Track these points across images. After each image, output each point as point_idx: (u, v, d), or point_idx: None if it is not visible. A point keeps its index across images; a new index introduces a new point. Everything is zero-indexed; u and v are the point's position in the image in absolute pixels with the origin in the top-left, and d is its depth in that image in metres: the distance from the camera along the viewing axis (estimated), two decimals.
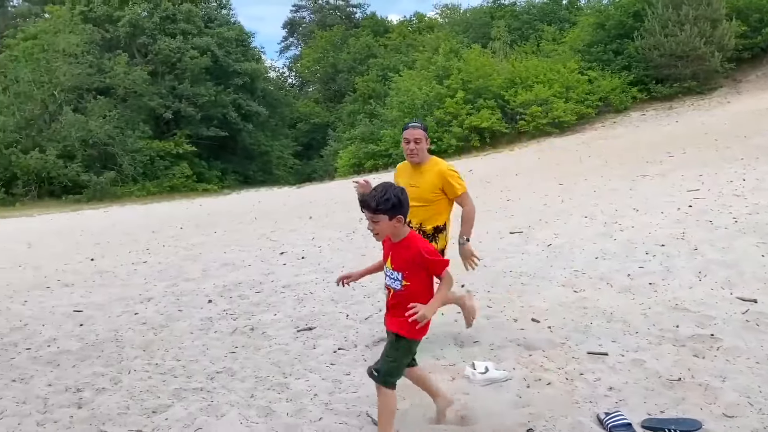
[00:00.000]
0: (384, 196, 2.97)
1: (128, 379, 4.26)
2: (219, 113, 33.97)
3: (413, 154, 4.33)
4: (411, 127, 4.37)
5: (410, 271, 3.04)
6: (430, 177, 4.32)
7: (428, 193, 4.30)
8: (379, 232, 3.05)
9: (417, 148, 4.32)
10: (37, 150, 27.24)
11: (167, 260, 9.41)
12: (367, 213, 3.02)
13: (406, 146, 4.35)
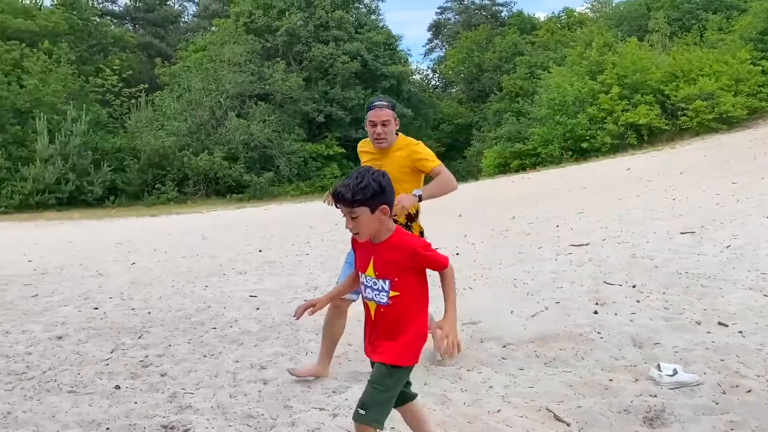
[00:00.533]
0: (360, 182, 2.41)
1: (306, 359, 4.47)
2: None
3: (381, 139, 3.78)
4: (377, 106, 3.76)
5: (400, 277, 2.47)
6: (399, 154, 3.84)
7: (395, 170, 3.57)
8: (360, 230, 2.46)
9: (385, 131, 3.76)
10: (205, 152, 29.64)
11: (326, 253, 9.82)
12: (342, 208, 2.45)
13: (372, 129, 3.78)
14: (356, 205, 2.39)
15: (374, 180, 2.42)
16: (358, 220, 2.42)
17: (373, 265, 2.50)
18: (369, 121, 3.77)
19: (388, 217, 2.48)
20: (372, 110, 3.77)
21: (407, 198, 3.65)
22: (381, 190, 2.42)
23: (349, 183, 2.41)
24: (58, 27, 35.43)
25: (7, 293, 7.56)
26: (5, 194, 26.82)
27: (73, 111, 29.16)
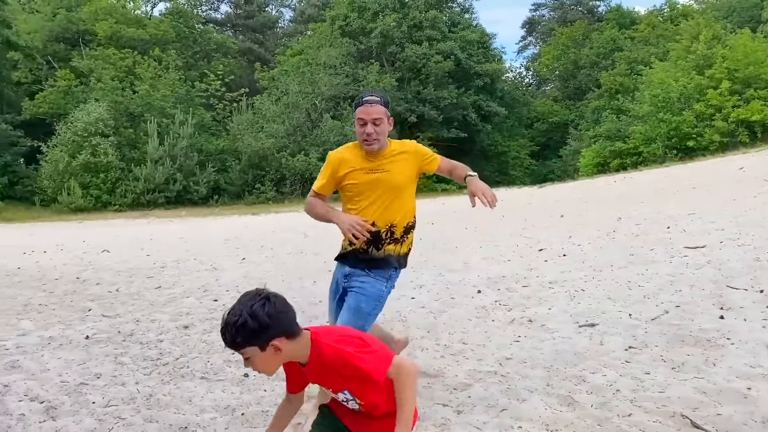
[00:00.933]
0: (238, 321, 2.01)
1: (422, 356, 4.52)
2: (459, 115, 34.78)
3: (372, 140, 3.15)
4: (367, 102, 3.17)
5: (353, 387, 2.17)
6: (405, 159, 3.30)
7: (405, 179, 3.28)
8: (261, 369, 2.11)
9: (377, 131, 3.15)
10: (302, 153, 30.47)
11: (428, 252, 9.85)
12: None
13: (361, 129, 3.16)
14: (239, 347, 2.05)
15: (252, 316, 2.00)
16: (252, 361, 2.07)
17: (320, 383, 2.24)
18: (357, 119, 3.16)
19: (293, 342, 2.10)
20: (361, 106, 3.18)
21: (485, 188, 3.36)
22: (264, 326, 2.02)
23: (227, 321, 2.04)
24: (166, 35, 37.53)
25: (132, 284, 8.10)
26: (119, 193, 28.68)
27: (180, 114, 30.76)
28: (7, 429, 3.41)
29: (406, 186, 3.30)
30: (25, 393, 3.96)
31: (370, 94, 3.25)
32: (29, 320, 6.08)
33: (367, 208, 3.24)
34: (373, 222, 3.21)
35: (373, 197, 3.22)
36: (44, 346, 5.13)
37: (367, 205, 3.25)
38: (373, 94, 3.25)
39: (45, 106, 31.91)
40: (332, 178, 3.33)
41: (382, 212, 3.23)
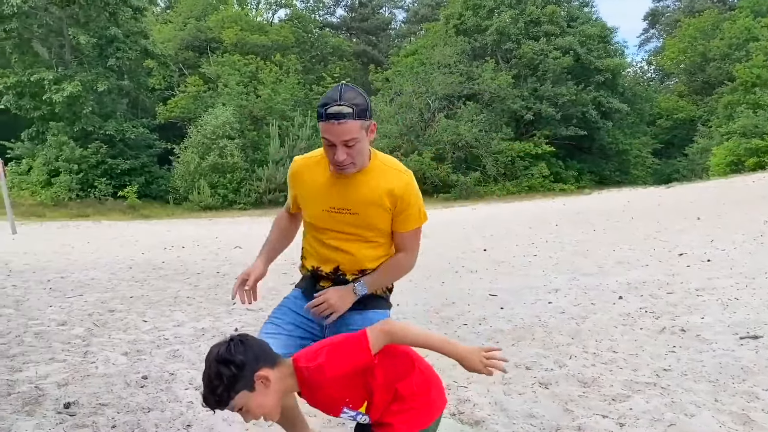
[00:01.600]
0: (212, 375, 1.89)
1: (572, 363, 4.37)
2: (578, 112, 33.60)
3: (343, 167, 2.33)
4: (332, 115, 2.21)
5: (355, 402, 2.06)
6: (379, 193, 2.39)
7: (372, 219, 2.44)
8: (264, 413, 1.96)
9: (351, 154, 2.29)
10: (415, 153, 30.63)
11: (557, 255, 9.57)
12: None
13: (330, 152, 2.31)
14: (230, 401, 1.89)
15: (224, 363, 1.87)
16: (249, 407, 1.91)
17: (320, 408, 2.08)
18: (324, 139, 2.29)
19: (277, 378, 1.94)
20: (324, 122, 2.23)
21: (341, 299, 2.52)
22: (240, 365, 1.88)
23: (204, 385, 1.90)
24: (287, 40, 39.03)
25: (268, 280, 8.44)
26: (244, 192, 30.13)
27: (299, 117, 31.85)
28: (179, 415, 3.64)
29: (372, 226, 2.47)
30: (190, 382, 4.21)
31: (336, 100, 2.20)
32: (181, 312, 6.49)
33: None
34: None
35: (335, 234, 2.52)
36: (198, 337, 5.45)
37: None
38: (342, 100, 2.19)
39: (177, 111, 34.10)
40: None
41: (333, 254, 2.55)
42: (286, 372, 1.97)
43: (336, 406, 2.03)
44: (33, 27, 29.81)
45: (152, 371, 4.41)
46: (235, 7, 43.03)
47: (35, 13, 29.18)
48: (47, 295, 7.42)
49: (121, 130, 30.21)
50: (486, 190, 31.39)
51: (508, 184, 32.05)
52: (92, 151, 29.29)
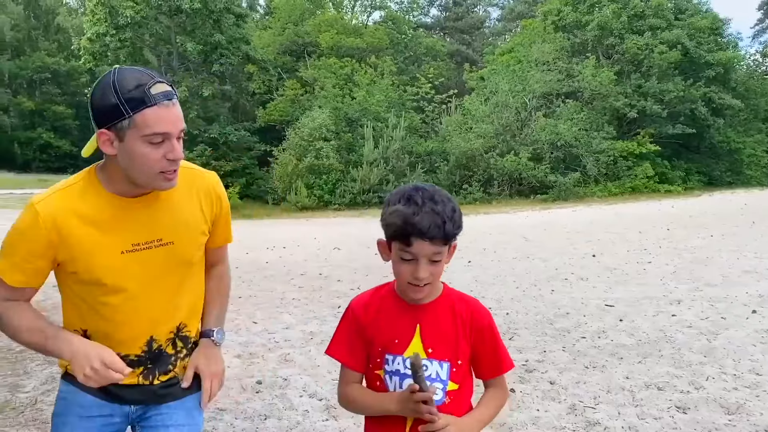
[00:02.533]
0: (456, 210, 1.54)
1: (710, 385, 3.99)
2: (686, 109, 31.70)
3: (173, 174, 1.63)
4: (165, 97, 1.54)
5: (463, 359, 1.60)
6: (190, 209, 1.75)
7: (192, 245, 1.76)
8: (432, 282, 1.56)
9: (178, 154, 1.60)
10: (511, 153, 29.95)
11: (673, 262, 8.98)
12: (425, 248, 1.49)
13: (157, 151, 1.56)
14: (450, 240, 1.54)
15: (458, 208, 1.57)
16: (439, 265, 1.55)
17: (422, 336, 1.60)
18: (152, 134, 1.54)
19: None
20: (153, 105, 1.52)
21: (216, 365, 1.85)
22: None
23: (441, 209, 1.50)
24: (381, 42, 39.26)
25: (371, 283, 8.38)
26: (339, 193, 30.55)
27: (393, 118, 31.93)
28: (296, 425, 3.59)
29: (197, 258, 1.81)
30: (304, 389, 4.17)
31: (153, 77, 1.55)
32: (288, 314, 6.53)
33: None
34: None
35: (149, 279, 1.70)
36: (308, 341, 5.44)
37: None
38: (160, 77, 1.58)
39: (275, 114, 35.06)
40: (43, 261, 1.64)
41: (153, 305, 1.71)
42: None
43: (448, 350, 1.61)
44: (144, 36, 31.57)
45: (266, 376, 4.41)
46: (331, 11, 43.78)
47: (147, 23, 30.88)
48: None
49: (223, 134, 31.44)
50: (586, 191, 30.20)
51: (610, 185, 30.68)
52: (198, 154, 30.63)
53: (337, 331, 1.68)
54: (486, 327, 1.63)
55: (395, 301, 1.63)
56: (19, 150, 46.43)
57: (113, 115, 1.52)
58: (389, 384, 1.59)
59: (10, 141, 46.12)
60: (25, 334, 1.64)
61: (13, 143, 46.19)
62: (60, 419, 1.70)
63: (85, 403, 1.69)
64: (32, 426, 3.53)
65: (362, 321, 1.63)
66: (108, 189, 1.62)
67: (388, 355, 1.59)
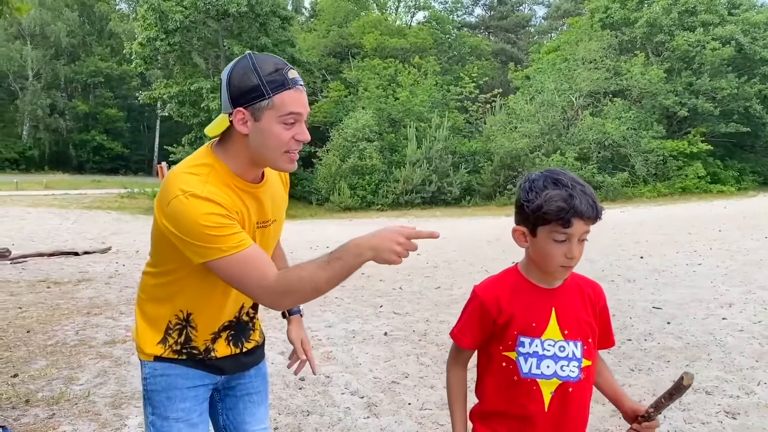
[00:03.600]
0: (593, 194, 1.63)
1: (762, 391, 3.87)
2: (740, 107, 30.73)
3: (295, 157, 1.74)
4: (298, 84, 1.67)
5: (593, 337, 1.71)
6: (279, 188, 1.91)
7: (283, 222, 1.93)
8: (579, 256, 1.63)
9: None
10: (557, 153, 29.54)
11: (724, 264, 8.71)
12: (580, 227, 1.59)
13: (288, 132, 1.67)
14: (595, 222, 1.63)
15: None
16: (583, 245, 1.66)
17: (558, 317, 1.68)
18: (288, 114, 1.65)
19: None
20: (290, 89, 1.64)
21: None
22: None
23: (585, 192, 1.60)
24: (425, 42, 39.24)
25: (413, 283, 8.43)
26: (382, 194, 30.65)
27: (436, 118, 31.87)
28: (338, 421, 3.63)
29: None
30: (345, 386, 4.22)
31: (286, 63, 1.69)
32: (331, 312, 6.60)
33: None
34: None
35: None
36: (350, 339, 5.49)
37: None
38: (287, 63, 1.70)
39: (320, 116, 35.40)
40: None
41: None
42: None
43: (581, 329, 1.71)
44: (193, 40, 32.25)
45: (309, 373, 4.45)
46: (375, 12, 43.95)
47: (195, 27, 31.56)
48: None
49: None
50: (634, 191, 29.57)
51: (659, 185, 29.96)
52: None
53: (463, 318, 1.77)
54: (605, 305, 1.79)
55: (528, 286, 1.71)
56: (73, 152, 48.08)
57: (254, 95, 1.61)
58: (523, 366, 1.67)
59: (65, 143, 47.84)
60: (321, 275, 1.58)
61: (68, 145, 47.87)
62: (165, 394, 1.78)
63: (189, 374, 1.79)
64: (85, 417, 3.67)
65: (492, 308, 1.70)
66: (233, 170, 1.70)
67: (523, 338, 1.67)
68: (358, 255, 1.57)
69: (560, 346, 1.67)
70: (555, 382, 1.65)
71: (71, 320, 6.10)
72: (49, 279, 8.51)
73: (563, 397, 1.65)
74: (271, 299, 1.64)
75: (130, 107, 49.59)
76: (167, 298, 1.77)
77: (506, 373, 1.68)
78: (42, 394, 4.02)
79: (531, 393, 1.66)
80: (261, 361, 1.99)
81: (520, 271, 1.74)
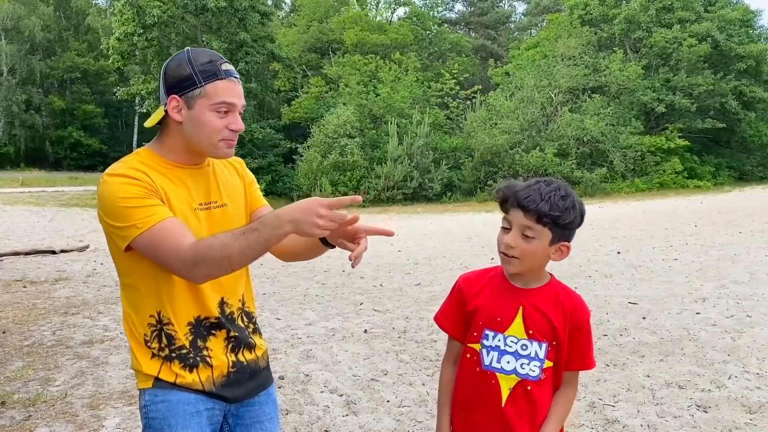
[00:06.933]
0: (566, 201, 1.62)
1: (732, 384, 3.96)
2: (716, 103, 31.20)
3: (232, 145, 1.75)
4: (231, 75, 1.71)
5: (558, 341, 1.69)
6: (231, 175, 1.90)
7: (240, 208, 1.89)
8: (521, 257, 1.65)
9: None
10: (537, 149, 29.73)
11: (699, 259, 8.87)
12: (519, 217, 1.63)
13: (222, 120, 1.70)
14: (544, 223, 1.62)
15: (580, 205, 1.67)
16: (530, 243, 1.64)
17: (524, 317, 1.70)
18: (218, 104, 1.68)
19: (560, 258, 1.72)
20: (223, 79, 1.69)
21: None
22: (580, 222, 1.70)
23: (547, 192, 1.62)
24: (406, 38, 39.23)
25: (393, 280, 8.46)
26: (363, 190, 30.65)
27: (417, 115, 31.90)
28: (317, 420, 3.65)
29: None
30: (325, 384, 4.23)
31: (223, 57, 1.75)
32: (311, 310, 6.61)
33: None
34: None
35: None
36: (329, 337, 5.50)
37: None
38: (223, 58, 1.75)
39: (300, 112, 35.28)
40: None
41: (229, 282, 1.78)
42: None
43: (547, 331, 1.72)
44: (171, 35, 31.95)
45: (288, 371, 4.48)
46: (356, 8, 43.83)
47: (173, 22, 31.26)
48: None
49: (249, 131, 31.69)
50: (613, 187, 29.87)
51: (638, 180, 30.30)
52: None
53: (444, 302, 1.85)
54: (584, 322, 1.74)
55: (502, 282, 1.76)
56: (50, 148, 47.38)
57: (187, 84, 1.67)
58: (485, 358, 1.71)
59: (42, 140, 47.09)
60: (234, 245, 1.56)
61: (45, 142, 47.14)
62: (166, 421, 1.70)
63: (190, 399, 1.72)
64: (62, 418, 3.65)
65: (465, 294, 1.78)
66: (168, 158, 1.73)
67: (488, 331, 1.72)
68: (276, 227, 1.54)
69: (522, 344, 1.70)
70: (514, 378, 1.69)
71: (48, 320, 6.05)
72: (25, 278, 8.42)
73: (521, 394, 1.68)
74: (186, 271, 1.60)
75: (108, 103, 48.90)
76: (137, 310, 1.72)
77: (470, 364, 1.73)
78: (18, 395, 3.99)
79: (489, 386, 1.70)
80: (269, 386, 1.91)
81: (501, 269, 1.78)
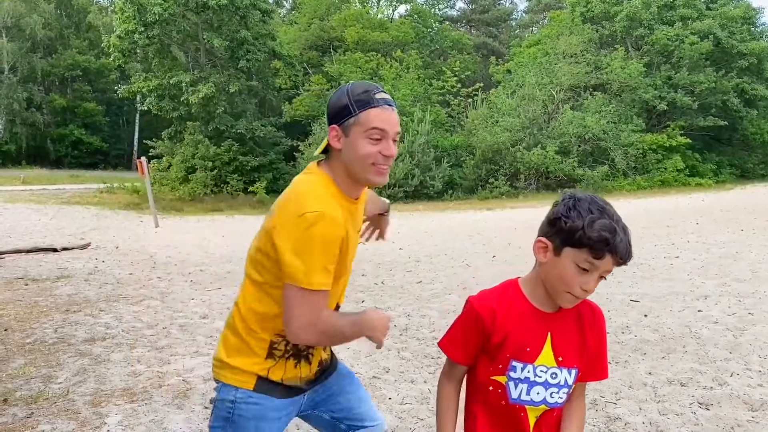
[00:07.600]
0: (631, 238, 1.59)
1: (735, 382, 3.96)
2: (718, 101, 31.16)
3: (385, 171, 1.84)
4: (386, 103, 1.81)
5: (585, 360, 1.66)
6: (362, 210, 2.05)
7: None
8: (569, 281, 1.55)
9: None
10: (538, 147, 29.71)
11: (701, 257, 8.86)
12: (608, 264, 1.54)
13: (375, 147, 1.79)
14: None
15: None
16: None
17: (553, 344, 1.62)
18: (371, 129, 1.79)
19: None
20: (376, 107, 1.79)
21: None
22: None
23: (626, 236, 1.56)
24: (407, 36, 39.20)
25: (395, 278, 8.45)
26: None
27: (419, 112, 31.89)
28: None
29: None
30: None
31: (380, 88, 1.85)
32: None
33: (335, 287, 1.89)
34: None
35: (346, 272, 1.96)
36: None
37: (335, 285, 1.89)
38: (380, 88, 1.85)
39: (302, 109, 35.26)
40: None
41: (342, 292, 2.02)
42: None
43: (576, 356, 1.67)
44: (172, 33, 31.90)
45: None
46: (357, 6, 43.79)
47: (174, 20, 31.21)
48: (189, 288, 7.83)
49: (250, 129, 31.72)
50: (614, 184, 29.86)
51: (639, 178, 30.29)
52: (225, 149, 30.97)
53: (454, 328, 1.70)
54: (603, 329, 1.69)
55: (526, 307, 1.63)
56: (51, 146, 47.41)
57: (343, 113, 1.80)
58: (512, 391, 1.62)
59: (43, 138, 47.12)
60: (348, 332, 1.80)
61: (46, 140, 47.17)
62: (254, 422, 1.85)
63: (279, 406, 1.89)
64: (64, 416, 3.65)
65: (489, 326, 1.62)
66: (342, 188, 1.86)
67: (516, 362, 1.61)
68: (358, 333, 1.80)
69: (552, 372, 1.61)
70: (542, 408, 1.63)
71: (50, 318, 6.05)
72: (27, 276, 8.42)
73: (546, 420, 1.65)
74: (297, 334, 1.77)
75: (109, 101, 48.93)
76: (266, 319, 1.84)
77: (495, 397, 1.63)
78: (20, 393, 3.99)
79: (518, 419, 1.62)
80: (338, 366, 2.13)
81: (521, 288, 1.66)
